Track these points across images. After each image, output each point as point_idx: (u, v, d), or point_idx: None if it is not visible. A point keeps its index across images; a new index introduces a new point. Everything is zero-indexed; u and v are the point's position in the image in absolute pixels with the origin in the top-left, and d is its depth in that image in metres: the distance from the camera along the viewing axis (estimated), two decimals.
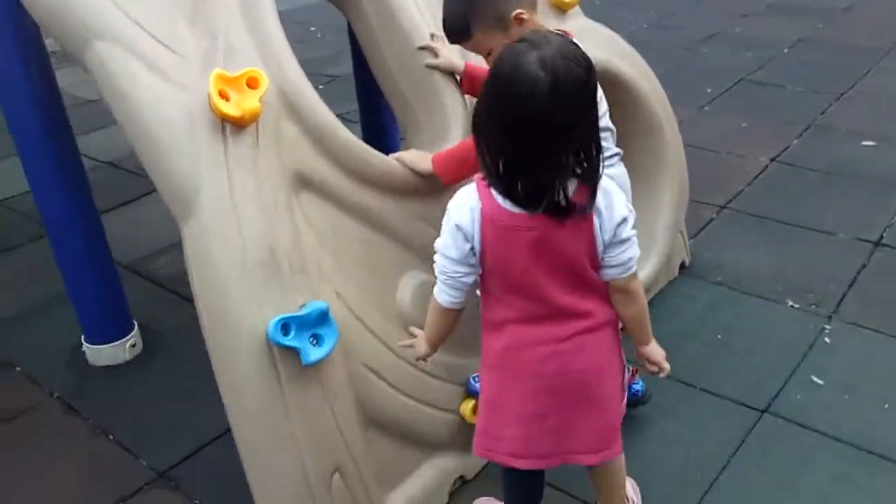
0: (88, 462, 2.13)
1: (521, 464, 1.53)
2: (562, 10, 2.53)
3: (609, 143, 1.91)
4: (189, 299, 1.66)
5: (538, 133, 1.26)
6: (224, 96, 1.62)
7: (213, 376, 1.59)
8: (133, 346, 2.50)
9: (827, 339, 2.39)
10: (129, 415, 2.28)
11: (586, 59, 1.28)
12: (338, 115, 1.82)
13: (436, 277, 1.48)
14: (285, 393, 1.56)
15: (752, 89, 4.46)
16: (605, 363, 1.50)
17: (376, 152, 1.86)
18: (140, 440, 2.17)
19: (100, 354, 2.47)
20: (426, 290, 1.89)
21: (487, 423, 1.55)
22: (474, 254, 1.40)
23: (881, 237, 2.90)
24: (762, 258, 2.80)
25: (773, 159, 3.54)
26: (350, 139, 1.82)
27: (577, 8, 2.58)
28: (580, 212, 1.33)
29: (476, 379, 1.89)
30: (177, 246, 1.61)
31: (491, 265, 1.41)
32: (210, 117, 1.63)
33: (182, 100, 1.63)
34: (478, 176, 1.38)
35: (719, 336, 2.44)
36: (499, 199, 1.34)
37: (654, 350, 1.57)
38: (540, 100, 1.22)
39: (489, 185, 1.35)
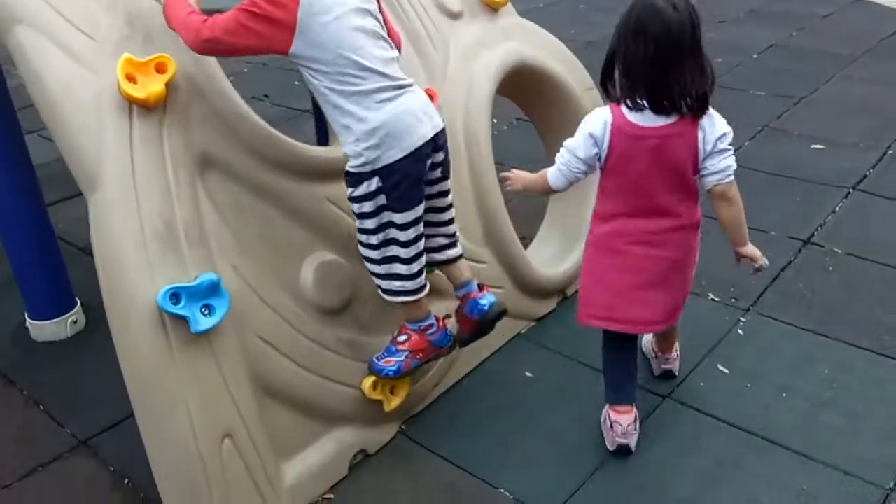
0: (18, 431, 2.23)
1: (611, 325, 1.97)
2: (493, 8, 2.61)
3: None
4: None
5: (672, 55, 1.71)
6: (132, 79, 1.72)
7: None
8: (75, 322, 2.60)
9: (740, 331, 2.46)
10: (63, 387, 2.38)
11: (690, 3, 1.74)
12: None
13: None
14: (176, 360, 1.66)
15: (715, 93, 4.51)
16: (683, 257, 1.96)
17: (283, 135, 1.95)
18: (69, 411, 2.27)
19: (42, 330, 2.58)
20: (331, 269, 1.99)
21: (586, 293, 2.01)
22: (599, 158, 1.86)
23: (811, 236, 2.96)
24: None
25: None
26: (257, 123, 1.91)
27: (510, 6, 2.66)
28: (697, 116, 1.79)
29: (379, 358, 1.98)
30: None
31: (613, 166, 1.85)
32: (118, 99, 1.73)
33: (92, 82, 1.73)
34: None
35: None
36: (629, 114, 1.80)
37: (751, 249, 1.96)
38: (674, 29, 1.69)
39: (621, 102, 1.79)
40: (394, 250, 1.83)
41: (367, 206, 1.78)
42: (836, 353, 2.32)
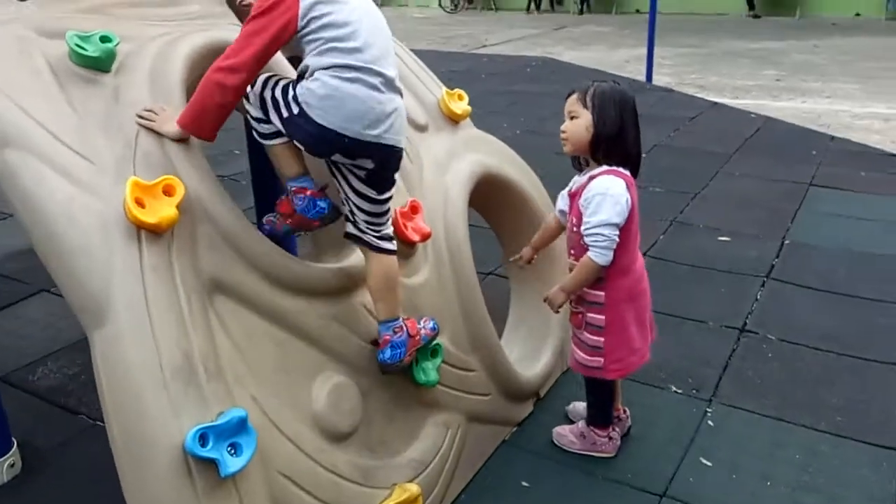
0: None
1: (641, 364, 2.31)
2: (455, 120, 2.70)
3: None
4: (73, 411, 1.59)
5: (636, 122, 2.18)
6: (140, 203, 1.62)
7: (98, 497, 1.50)
8: (12, 465, 2.30)
9: (710, 422, 2.57)
10: None
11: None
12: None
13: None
14: None
15: None
16: None
17: (292, 256, 1.89)
18: None
19: None
20: (341, 390, 1.92)
21: (615, 351, 2.23)
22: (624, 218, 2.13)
23: (744, 324, 3.18)
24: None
25: (644, 254, 3.83)
26: (265, 243, 1.85)
27: (468, 119, 2.76)
28: None
29: None
30: (55, 354, 1.55)
31: (630, 219, 2.14)
32: (125, 224, 1.62)
33: (96, 206, 1.61)
34: (603, 167, 2.15)
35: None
36: (625, 171, 2.14)
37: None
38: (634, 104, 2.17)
39: (621, 165, 2.14)
40: None
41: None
42: (801, 437, 2.47)
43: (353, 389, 1.93)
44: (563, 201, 2.34)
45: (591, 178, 2.15)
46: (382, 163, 1.87)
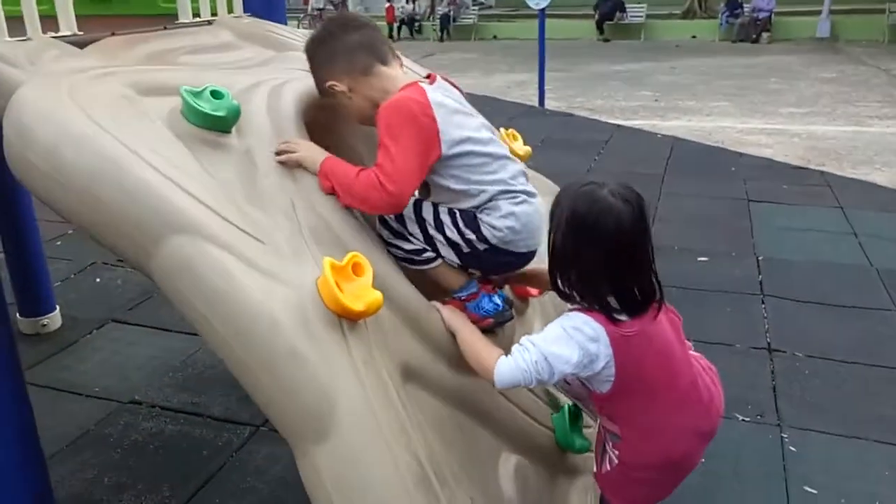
0: None
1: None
2: None
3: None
4: None
5: (632, 250, 1.52)
6: (338, 288, 1.38)
7: None
8: None
9: (791, 448, 2.60)
10: None
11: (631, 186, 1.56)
12: None
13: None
14: None
15: None
16: None
17: None
18: None
19: None
20: (525, 473, 1.74)
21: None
22: None
23: (769, 344, 3.27)
24: None
25: None
26: (440, 319, 1.64)
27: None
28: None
29: None
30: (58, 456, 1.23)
31: (638, 377, 1.58)
32: (324, 314, 1.37)
33: (288, 296, 1.36)
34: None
35: (703, 461, 2.52)
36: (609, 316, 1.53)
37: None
38: (627, 224, 1.49)
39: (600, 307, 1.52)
40: None
41: None
42: (883, 454, 2.54)
43: (530, 469, 1.76)
44: None
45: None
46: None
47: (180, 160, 1.44)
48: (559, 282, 1.57)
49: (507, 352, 1.54)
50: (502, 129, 2.62)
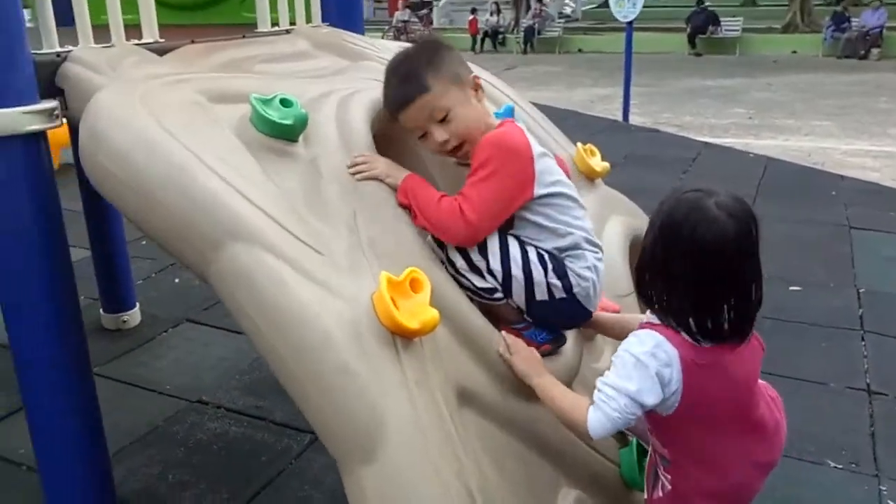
0: None
1: None
2: (590, 178, 2.49)
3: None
4: None
5: (727, 273, 1.37)
6: (394, 304, 1.34)
7: None
8: None
9: (891, 502, 2.39)
10: None
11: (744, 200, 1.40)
12: None
13: None
14: None
15: None
16: None
17: None
18: None
19: None
20: None
21: None
22: None
23: (868, 385, 3.04)
24: None
25: None
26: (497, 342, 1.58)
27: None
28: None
29: None
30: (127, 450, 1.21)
31: (696, 406, 1.46)
32: (378, 330, 1.33)
33: (343, 310, 1.32)
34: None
35: None
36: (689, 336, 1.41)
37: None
38: (726, 242, 1.34)
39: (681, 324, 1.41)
40: None
41: None
42: None
43: None
44: None
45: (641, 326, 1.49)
46: None
47: (245, 168, 1.44)
48: (644, 287, 1.46)
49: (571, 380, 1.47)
50: (579, 144, 2.55)
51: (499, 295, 1.61)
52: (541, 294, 1.60)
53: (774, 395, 1.63)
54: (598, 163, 2.50)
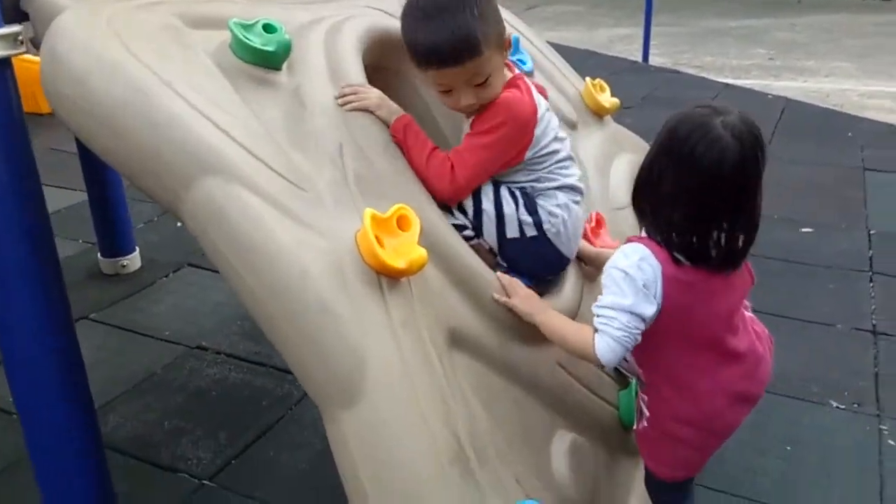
0: None
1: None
2: (600, 115, 2.38)
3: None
4: (171, 468, 1.28)
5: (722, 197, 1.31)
6: (379, 243, 1.26)
7: None
8: None
9: (891, 442, 2.34)
10: None
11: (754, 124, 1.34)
12: None
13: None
14: None
15: None
16: None
17: None
18: None
19: None
20: (580, 452, 1.60)
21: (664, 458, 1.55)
22: None
23: (874, 326, 2.96)
24: (780, 354, 2.75)
25: None
26: (495, 282, 1.50)
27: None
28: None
29: None
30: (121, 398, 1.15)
31: (671, 320, 1.43)
32: (361, 269, 1.26)
33: (324, 248, 1.25)
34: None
35: (788, 448, 2.31)
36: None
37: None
38: (727, 165, 1.28)
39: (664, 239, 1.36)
40: None
41: None
42: None
43: (587, 447, 1.61)
44: None
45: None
46: None
47: (220, 96, 1.34)
48: (637, 199, 1.41)
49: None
50: (588, 79, 2.43)
51: (469, 233, 1.56)
52: (512, 231, 1.56)
53: (761, 330, 1.57)
54: (607, 99, 2.38)
